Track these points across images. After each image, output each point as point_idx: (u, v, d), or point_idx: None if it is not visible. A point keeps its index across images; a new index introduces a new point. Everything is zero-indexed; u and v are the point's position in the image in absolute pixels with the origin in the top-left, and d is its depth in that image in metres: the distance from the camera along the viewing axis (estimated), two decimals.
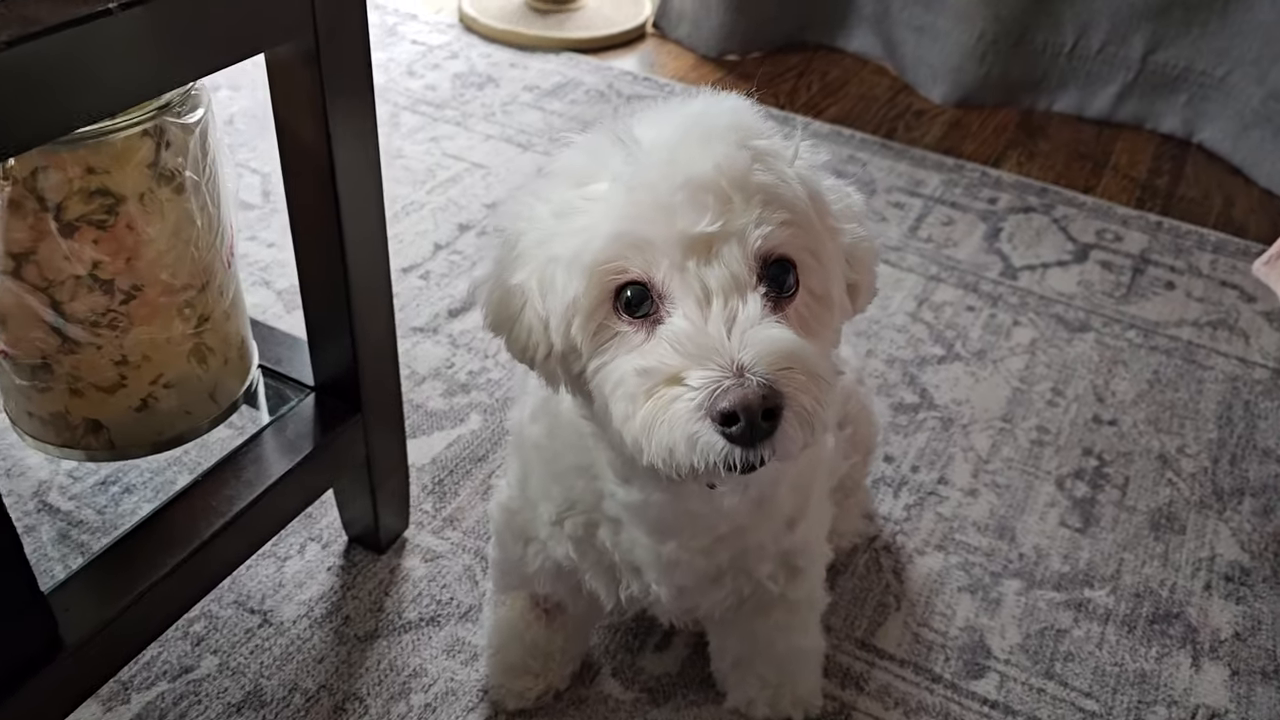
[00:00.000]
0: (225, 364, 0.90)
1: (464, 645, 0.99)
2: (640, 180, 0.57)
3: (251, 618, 1.00)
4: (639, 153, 0.58)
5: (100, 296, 0.78)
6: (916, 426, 1.27)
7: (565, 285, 0.58)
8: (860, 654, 1.00)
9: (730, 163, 0.57)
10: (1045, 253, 1.61)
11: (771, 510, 0.75)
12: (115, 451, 0.87)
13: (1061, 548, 1.13)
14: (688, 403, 0.54)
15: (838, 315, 0.63)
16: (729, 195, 0.56)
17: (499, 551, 0.88)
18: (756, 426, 0.53)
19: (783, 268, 0.59)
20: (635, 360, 0.57)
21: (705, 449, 0.54)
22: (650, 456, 0.56)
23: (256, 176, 1.62)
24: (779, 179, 0.59)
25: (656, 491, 0.67)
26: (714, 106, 0.62)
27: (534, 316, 0.62)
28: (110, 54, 0.62)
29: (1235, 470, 1.24)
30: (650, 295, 0.57)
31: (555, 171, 0.63)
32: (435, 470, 1.16)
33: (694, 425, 0.54)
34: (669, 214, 0.56)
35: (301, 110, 0.79)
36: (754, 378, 0.53)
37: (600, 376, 0.59)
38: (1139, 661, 1.02)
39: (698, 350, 0.54)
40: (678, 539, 0.72)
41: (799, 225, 0.59)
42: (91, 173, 0.73)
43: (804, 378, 0.55)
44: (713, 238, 0.56)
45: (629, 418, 0.56)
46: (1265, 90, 1.82)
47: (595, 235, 0.57)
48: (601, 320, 0.59)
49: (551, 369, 0.63)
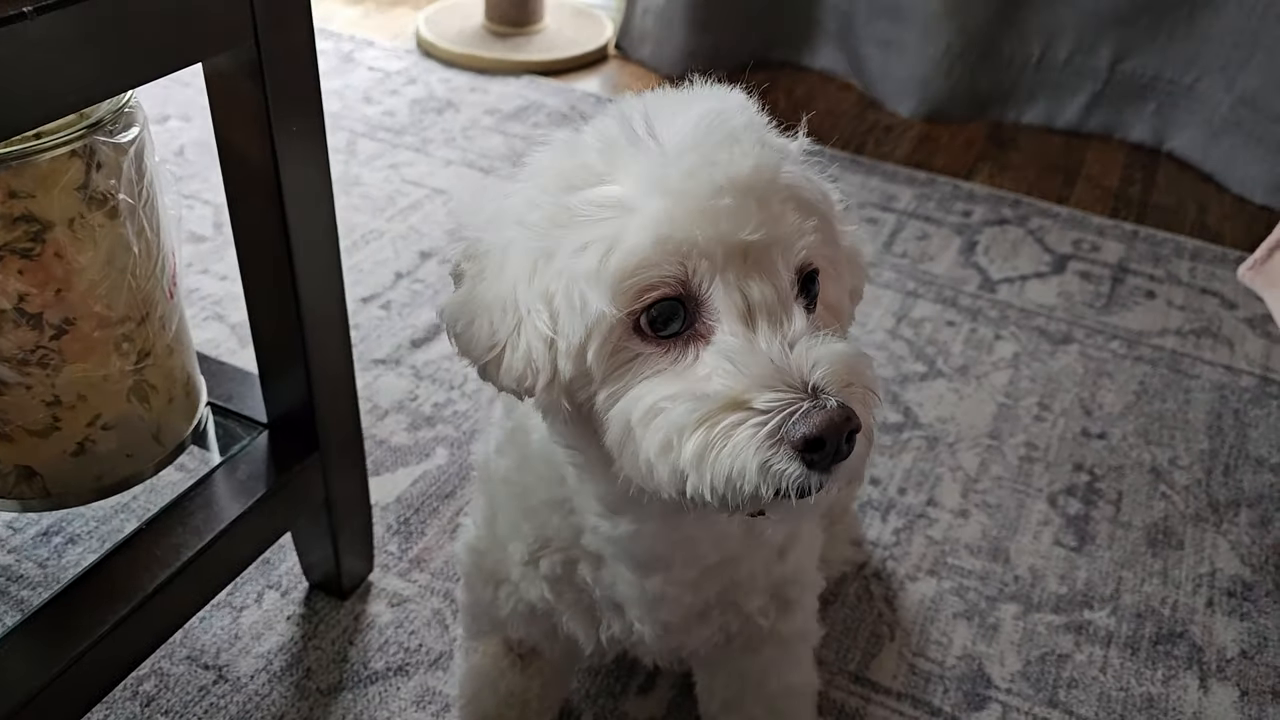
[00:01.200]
0: (170, 402, 0.83)
1: (434, 695, 0.92)
2: (673, 183, 0.51)
3: (206, 674, 0.93)
4: (668, 154, 0.52)
5: (28, 332, 0.72)
6: (902, 447, 1.23)
7: (586, 301, 0.52)
8: (855, 688, 0.95)
9: (765, 164, 0.52)
10: (1023, 264, 1.58)
11: (764, 536, 0.70)
12: (52, 500, 0.81)
13: (1057, 568, 1.09)
14: (756, 427, 0.49)
15: (847, 324, 0.59)
16: (769, 199, 0.52)
17: (468, 595, 0.82)
18: (840, 450, 0.49)
19: (811, 279, 0.54)
20: (670, 384, 0.51)
21: (779, 476, 0.49)
22: (702, 489, 0.50)
23: (209, 208, 1.56)
24: (804, 181, 0.54)
25: (651, 522, 0.62)
26: (726, 104, 0.56)
27: (536, 339, 0.54)
28: (26, 63, 0.56)
29: (1229, 481, 1.21)
30: (680, 312, 0.52)
31: (542, 173, 0.56)
32: (400, 509, 1.10)
33: (766, 453, 0.49)
34: (711, 220, 0.51)
35: (245, 128, 0.74)
36: (832, 399, 0.49)
37: (621, 405, 0.53)
38: (1145, 685, 0.98)
39: (760, 370, 0.50)
40: (664, 573, 0.66)
41: (824, 232, 0.55)
42: (14, 197, 0.68)
43: (863, 393, 0.51)
44: (752, 246, 0.51)
45: (671, 448, 0.50)
46: (1234, 96, 1.81)
47: (623, 243, 0.51)
48: (618, 341, 0.53)
49: (554, 398, 0.56)
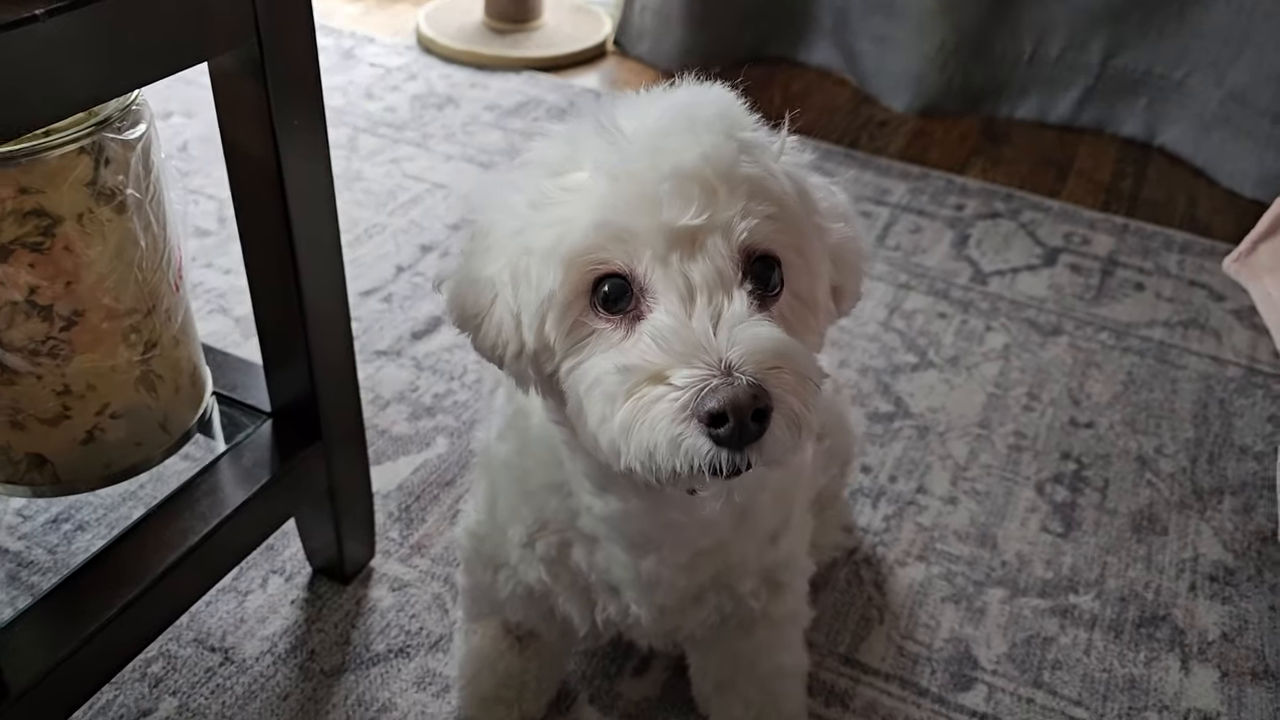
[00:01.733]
0: (176, 392, 0.86)
1: (435, 677, 0.95)
2: (623, 169, 0.54)
3: (212, 656, 0.96)
4: (622, 141, 0.55)
5: (39, 323, 0.75)
6: (893, 436, 1.25)
7: (541, 278, 0.55)
8: (844, 670, 0.98)
9: (717, 153, 0.54)
10: (1014, 257, 1.60)
11: (755, 523, 0.72)
12: (62, 486, 0.83)
13: (1044, 553, 1.11)
14: (671, 403, 0.51)
15: (823, 317, 0.61)
16: (715, 187, 0.54)
17: (468, 578, 0.85)
18: (745, 428, 0.50)
19: (767, 265, 0.56)
20: (614, 358, 0.54)
21: (689, 452, 0.51)
22: (628, 460, 0.53)
23: (212, 202, 1.58)
24: (766, 172, 0.56)
25: (635, 499, 0.64)
26: (700, 96, 0.59)
27: (505, 312, 0.58)
28: (39, 63, 0.59)
29: (1214, 469, 1.23)
30: (630, 290, 0.55)
31: (531, 161, 0.60)
32: (401, 496, 1.13)
33: (678, 427, 0.51)
34: (653, 204, 0.53)
35: (248, 125, 0.76)
36: (743, 377, 0.50)
37: (575, 376, 0.56)
38: (1128, 667, 1.00)
39: (683, 347, 0.52)
40: (657, 554, 0.69)
41: (785, 221, 0.56)
42: (25, 193, 0.70)
43: (792, 379, 0.52)
44: (697, 231, 0.54)
45: (606, 419, 0.53)
46: (1224, 91, 1.83)
47: (574, 225, 0.54)
48: (577, 316, 0.56)
49: (522, 368, 0.60)
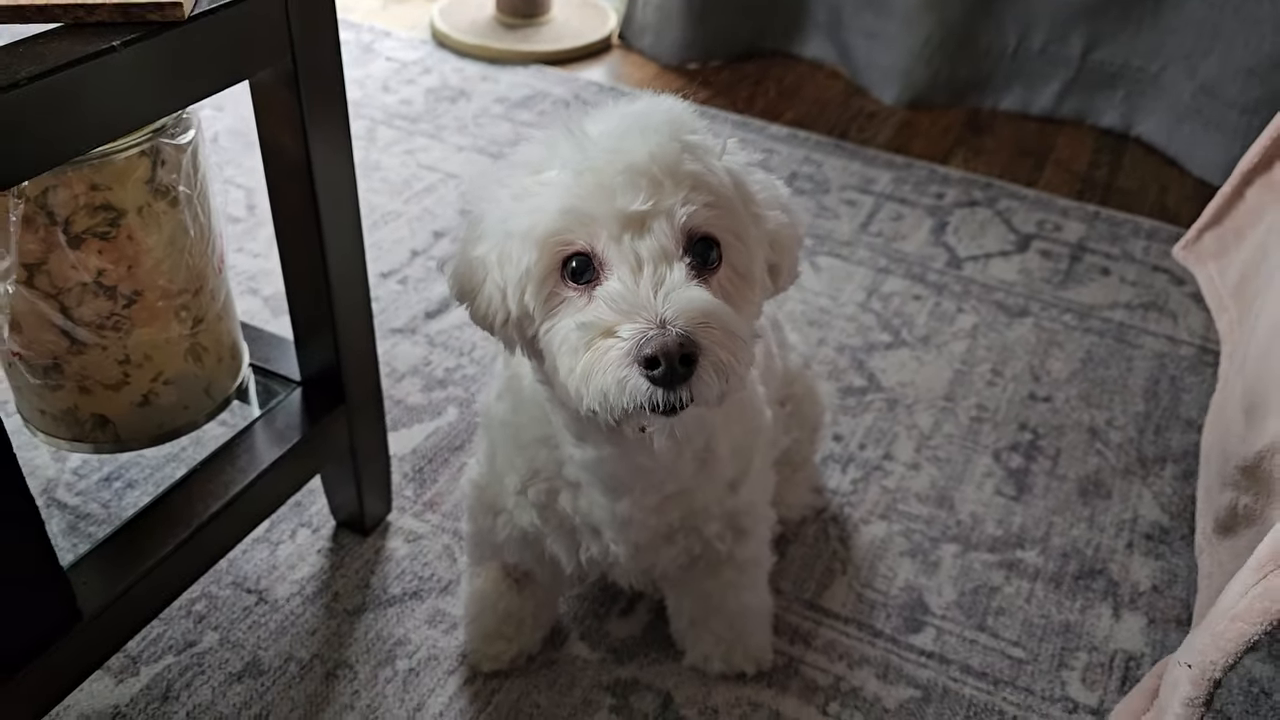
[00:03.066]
0: (219, 362, 0.98)
1: (444, 616, 1.07)
2: (585, 165, 0.66)
3: (248, 596, 1.08)
4: (586, 143, 0.67)
5: (105, 301, 0.87)
6: (864, 408, 1.36)
7: (520, 256, 0.67)
8: (808, 614, 1.09)
9: (663, 152, 0.66)
10: (989, 243, 1.71)
11: (715, 472, 0.84)
12: (120, 444, 0.96)
13: (996, 514, 1.22)
14: (619, 351, 0.62)
15: (758, 291, 0.72)
16: (660, 180, 0.65)
17: (471, 525, 0.97)
18: (675, 370, 0.61)
19: (707, 244, 0.67)
20: (577, 318, 0.65)
21: (633, 391, 0.62)
22: (589, 402, 0.64)
23: (241, 191, 1.70)
24: (706, 168, 0.67)
25: (607, 446, 0.76)
26: (653, 105, 0.71)
27: (493, 286, 0.70)
28: (114, 86, 0.70)
29: (1159, 439, 1.34)
30: (592, 264, 0.66)
31: (514, 160, 0.72)
32: (415, 459, 1.25)
33: (623, 370, 0.62)
34: (609, 194, 0.65)
35: (283, 129, 0.88)
36: (674, 329, 0.62)
37: (549, 336, 0.68)
38: (1064, 614, 1.12)
39: (629, 307, 0.63)
40: (630, 496, 0.80)
41: (722, 208, 0.68)
42: (95, 189, 0.82)
43: (720, 333, 0.63)
44: (645, 215, 0.65)
45: (571, 369, 0.65)
46: (1196, 84, 1.93)
47: (546, 212, 0.66)
48: (552, 288, 0.67)
49: (509, 333, 0.72)
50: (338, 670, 1.02)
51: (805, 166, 1.88)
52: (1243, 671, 1.06)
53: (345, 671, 1.02)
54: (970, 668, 1.05)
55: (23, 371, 0.90)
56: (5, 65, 0.66)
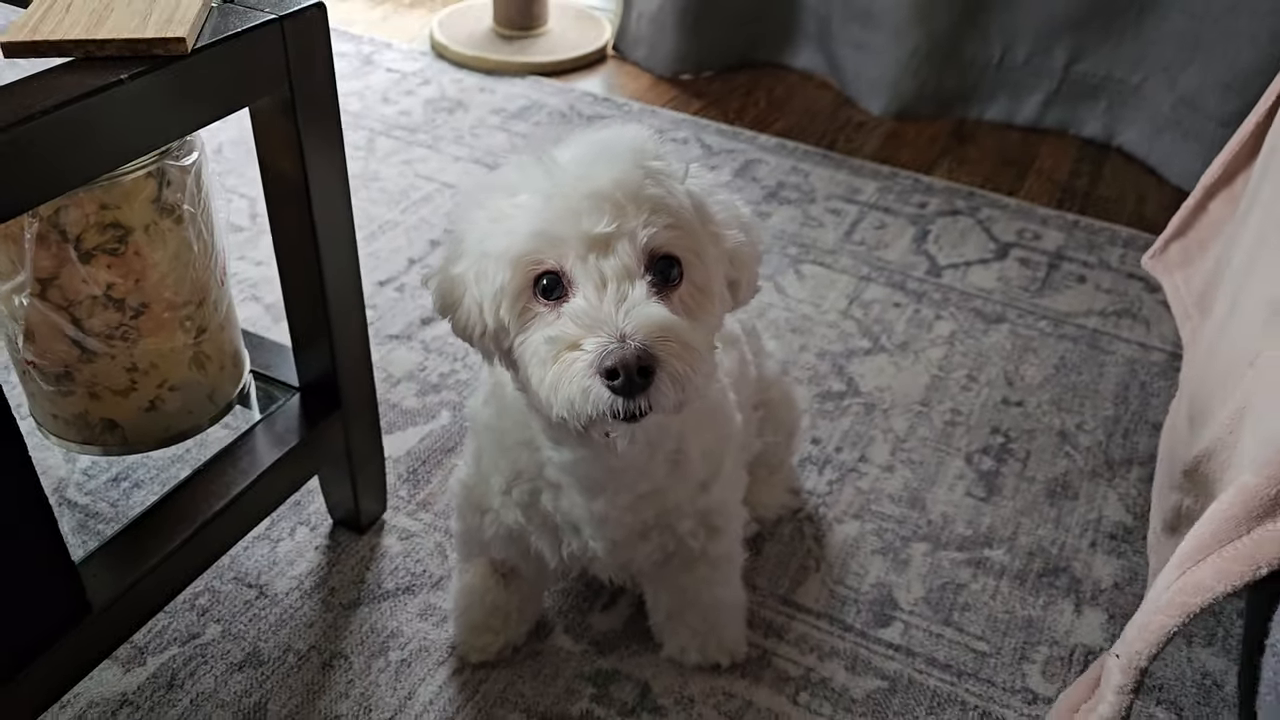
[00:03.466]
0: (221, 369, 1.04)
1: (435, 610, 1.13)
2: (555, 191, 0.71)
3: (249, 591, 1.14)
4: (555, 169, 0.73)
5: (114, 313, 0.92)
6: (842, 412, 1.42)
7: (495, 275, 0.73)
8: (782, 609, 1.15)
9: (626, 178, 0.71)
10: (969, 252, 1.76)
11: (686, 473, 0.89)
12: (128, 446, 1.01)
13: (966, 514, 1.28)
14: (582, 363, 0.68)
15: (718, 304, 0.77)
16: (623, 204, 0.71)
17: (460, 523, 1.02)
18: (633, 381, 0.67)
19: (669, 263, 0.73)
20: (546, 332, 0.71)
21: (596, 399, 0.68)
22: (558, 410, 0.70)
23: (244, 200, 1.76)
24: (667, 192, 0.73)
25: (581, 449, 0.82)
26: (618, 134, 0.76)
27: (472, 301, 0.76)
28: (122, 115, 0.76)
29: (1127, 443, 1.39)
30: (561, 282, 0.72)
31: (492, 184, 0.77)
32: (409, 461, 1.30)
33: (587, 380, 0.68)
34: (576, 217, 0.70)
35: (282, 152, 0.94)
36: (632, 343, 0.67)
37: (523, 348, 0.73)
38: (1027, 609, 1.17)
39: (592, 322, 0.68)
40: (605, 496, 0.86)
41: (682, 229, 0.73)
42: (105, 209, 0.88)
43: (676, 346, 0.69)
44: (610, 236, 0.70)
45: (542, 380, 0.70)
46: (1175, 96, 1.98)
47: (519, 234, 0.72)
48: (524, 304, 0.73)
49: (486, 345, 0.77)
50: (334, 660, 1.07)
51: (793, 176, 1.93)
52: (1197, 665, 1.11)
53: (341, 662, 1.07)
54: (935, 660, 1.10)
55: (36, 379, 0.95)
56: (23, 98, 0.71)
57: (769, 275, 1.67)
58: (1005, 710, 1.06)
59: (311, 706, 1.03)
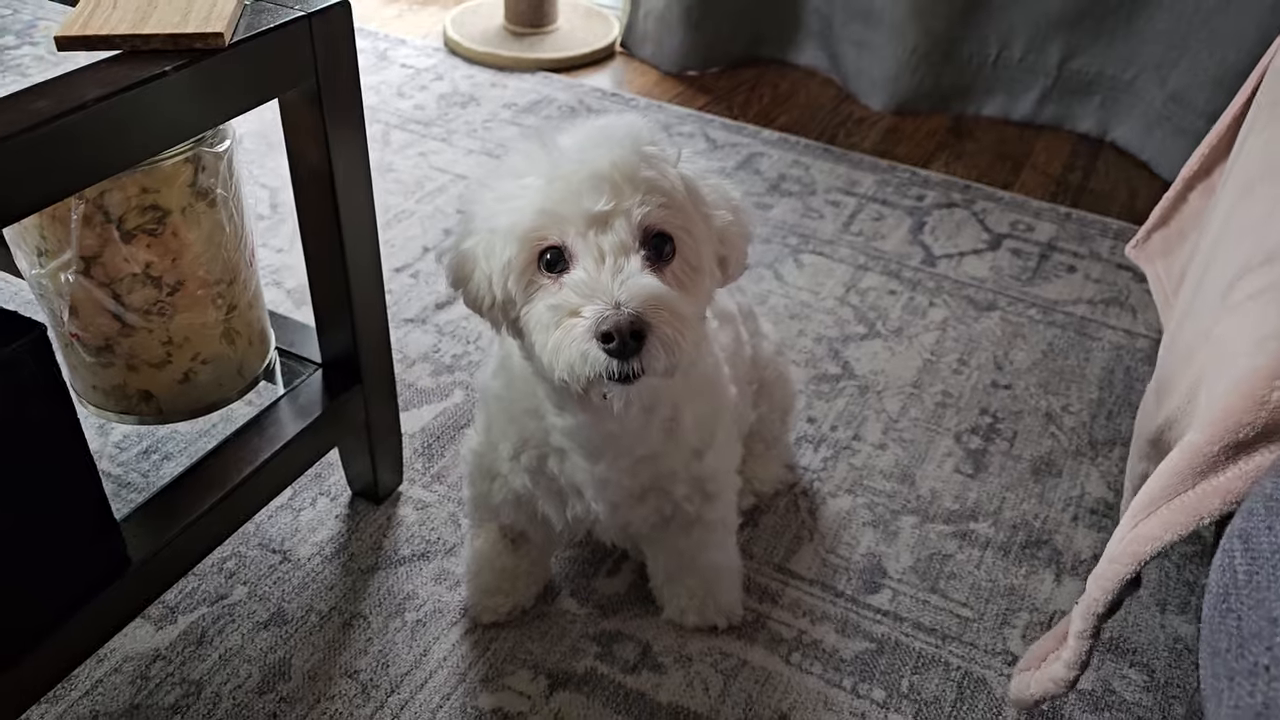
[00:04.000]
0: (250, 345, 1.11)
1: (448, 574, 1.20)
2: (557, 173, 0.78)
3: (274, 556, 1.21)
4: (557, 154, 0.79)
5: (152, 290, 0.99)
6: (837, 393, 1.48)
7: (503, 250, 0.79)
8: (776, 576, 1.21)
9: (623, 161, 0.78)
10: (963, 242, 1.82)
11: (680, 440, 0.96)
12: (162, 417, 1.08)
13: (954, 490, 1.34)
14: (581, 328, 0.74)
15: (708, 280, 0.84)
16: (621, 185, 0.77)
17: (471, 489, 1.09)
18: (626, 344, 0.73)
19: (662, 239, 0.79)
20: (549, 301, 0.77)
21: (593, 361, 0.74)
22: (560, 373, 0.77)
23: (265, 190, 1.83)
24: (660, 174, 0.79)
25: (581, 414, 0.88)
26: (616, 122, 0.83)
27: (482, 275, 0.82)
28: (165, 104, 0.83)
29: (1110, 424, 1.45)
30: (563, 257, 0.78)
31: (499, 169, 0.84)
32: (425, 437, 1.37)
33: (585, 344, 0.74)
34: (577, 197, 0.77)
35: (308, 142, 1.00)
36: (626, 309, 0.74)
37: (528, 317, 0.80)
38: (1009, 579, 1.23)
39: (591, 291, 0.75)
40: (605, 460, 0.92)
41: (675, 208, 0.80)
42: (146, 192, 0.94)
43: (667, 313, 0.75)
44: (608, 214, 0.77)
45: (545, 345, 0.77)
46: (1166, 93, 2.03)
47: (525, 213, 0.78)
48: (530, 277, 0.79)
49: (495, 315, 0.84)
50: (354, 620, 1.14)
51: (794, 169, 1.99)
52: (1169, 630, 1.17)
53: (360, 622, 1.14)
54: (921, 625, 1.17)
55: (80, 351, 1.02)
56: (76, 89, 0.78)
57: (770, 263, 1.74)
58: (986, 671, 1.12)
59: (333, 662, 1.10)
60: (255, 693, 1.06)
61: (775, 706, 1.08)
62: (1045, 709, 1.09)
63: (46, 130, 0.74)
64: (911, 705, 1.08)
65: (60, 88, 0.78)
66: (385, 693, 1.07)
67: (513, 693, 1.08)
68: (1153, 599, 1.20)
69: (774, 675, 1.11)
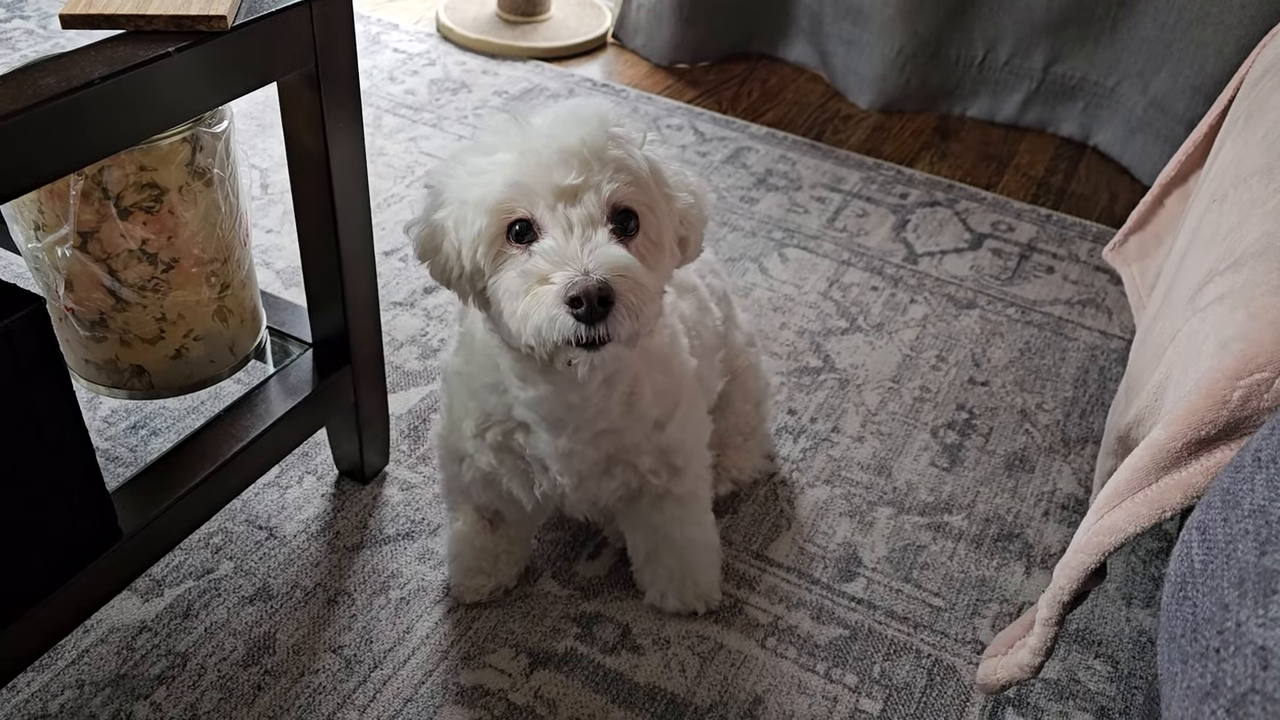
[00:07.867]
0: (241, 323, 1.12)
1: (432, 554, 1.22)
2: (528, 147, 0.81)
3: (260, 532, 1.22)
4: (529, 130, 0.82)
5: (147, 266, 1.01)
6: (818, 386, 1.51)
7: (474, 221, 0.82)
8: (754, 563, 1.24)
9: (592, 138, 0.80)
10: (945, 241, 1.85)
11: (640, 413, 0.98)
12: (153, 391, 1.10)
13: (929, 483, 1.37)
14: (550, 294, 0.77)
15: (669, 256, 0.87)
16: (589, 161, 0.80)
17: (442, 473, 1.11)
18: (594, 309, 0.76)
19: (627, 215, 0.82)
20: (521, 267, 0.80)
21: (561, 326, 0.77)
22: (527, 339, 0.79)
23: (256, 171, 1.84)
24: (627, 154, 0.82)
25: (545, 385, 0.90)
26: (585, 102, 0.85)
27: (450, 246, 0.85)
28: (167, 84, 0.84)
29: (1083, 422, 1.49)
30: (531, 228, 0.81)
31: (472, 145, 0.87)
32: (411, 419, 1.39)
33: (554, 309, 0.77)
34: (547, 171, 0.80)
35: (305, 124, 1.02)
36: (594, 276, 0.76)
37: (496, 286, 0.82)
38: (981, 570, 1.26)
39: (560, 259, 0.78)
40: (567, 432, 0.95)
41: (640, 187, 0.82)
42: (143, 170, 0.96)
43: (631, 282, 0.78)
44: (577, 188, 0.80)
45: (514, 312, 0.80)
46: (1147, 99, 2.07)
47: (495, 185, 0.81)
48: (499, 248, 0.82)
49: (463, 286, 0.86)
50: (338, 597, 1.16)
51: (781, 164, 2.02)
52: (1134, 623, 1.21)
53: (344, 599, 1.16)
54: (894, 613, 1.20)
55: (74, 324, 1.04)
56: (81, 67, 0.79)
57: (755, 257, 1.76)
58: (956, 659, 1.15)
59: (317, 637, 1.12)
60: (240, 665, 1.08)
61: (750, 689, 1.10)
62: (1011, 695, 1.12)
63: (53, 106, 0.75)
64: (882, 690, 1.11)
65: (66, 65, 0.80)
66: (368, 668, 1.09)
67: (494, 670, 1.10)
68: (1119, 593, 1.24)
69: (749, 659, 1.13)
